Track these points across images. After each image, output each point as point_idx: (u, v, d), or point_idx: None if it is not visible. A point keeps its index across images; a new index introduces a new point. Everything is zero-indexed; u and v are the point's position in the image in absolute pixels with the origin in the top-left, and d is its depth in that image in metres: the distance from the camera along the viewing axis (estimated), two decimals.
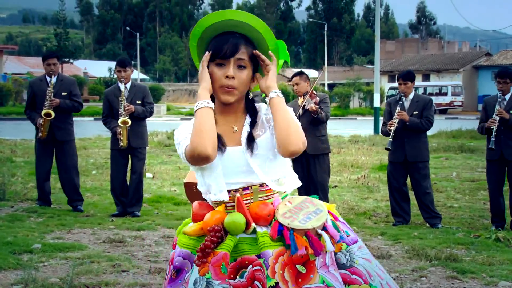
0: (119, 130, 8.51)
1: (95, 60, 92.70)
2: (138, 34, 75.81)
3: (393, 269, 6.18)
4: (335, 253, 2.66)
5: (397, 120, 8.21)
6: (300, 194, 6.10)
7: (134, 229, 7.78)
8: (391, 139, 8.22)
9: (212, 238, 2.59)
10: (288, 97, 48.57)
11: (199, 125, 2.60)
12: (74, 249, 6.73)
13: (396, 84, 43.13)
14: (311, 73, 60.96)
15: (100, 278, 5.67)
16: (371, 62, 64.66)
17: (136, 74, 69.85)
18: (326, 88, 57.66)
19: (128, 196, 8.76)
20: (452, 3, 64.98)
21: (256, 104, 2.84)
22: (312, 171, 8.45)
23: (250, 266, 2.57)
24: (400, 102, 8.41)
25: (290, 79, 8.93)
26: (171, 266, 2.75)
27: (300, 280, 2.53)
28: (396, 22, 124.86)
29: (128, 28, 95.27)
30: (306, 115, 8.38)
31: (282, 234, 2.57)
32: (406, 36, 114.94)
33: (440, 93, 50.50)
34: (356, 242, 2.75)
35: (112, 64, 53.40)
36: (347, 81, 56.47)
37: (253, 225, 2.62)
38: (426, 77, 58.50)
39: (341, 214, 8.72)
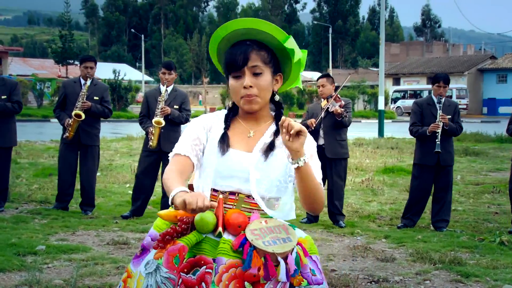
0: (151, 129, 8.51)
1: (100, 62, 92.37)
2: (143, 36, 76.07)
3: (397, 272, 6.18)
4: (293, 287, 2.60)
5: (442, 123, 8.17)
6: None
7: (138, 231, 7.79)
8: (439, 142, 8.11)
9: (178, 228, 2.61)
10: (292, 100, 48.65)
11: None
12: (78, 251, 6.73)
13: (401, 87, 43.19)
14: (316, 75, 60.89)
15: (104, 280, 5.68)
16: (376, 65, 64.64)
17: (141, 76, 70.01)
18: None
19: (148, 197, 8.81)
20: (457, 6, 64.90)
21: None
22: (328, 175, 8.45)
23: (204, 267, 2.56)
24: (439, 104, 8.30)
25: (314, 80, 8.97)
26: (140, 244, 2.80)
27: None
28: (401, 25, 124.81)
29: (133, 30, 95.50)
30: (328, 118, 8.40)
31: (243, 247, 2.55)
32: (411, 39, 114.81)
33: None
34: (319, 284, 2.66)
35: (117, 66, 53.46)
36: (352, 83, 56.41)
37: (220, 229, 2.61)
38: (431, 80, 58.44)
39: (346, 217, 8.78)
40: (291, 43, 2.71)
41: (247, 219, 2.63)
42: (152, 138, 8.50)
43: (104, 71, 63.07)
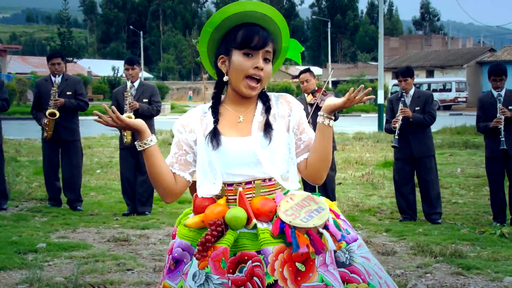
0: None
1: (99, 59, 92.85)
2: (141, 32, 75.99)
3: (398, 266, 6.17)
4: (335, 252, 2.63)
5: (401, 117, 8.20)
6: (306, 190, 6.09)
7: (139, 228, 7.79)
8: (397, 137, 8.20)
9: (213, 232, 2.57)
10: (292, 94, 48.60)
11: (150, 174, 2.70)
12: (79, 248, 6.74)
13: None
14: (315, 70, 60.92)
15: (105, 277, 5.68)
16: (375, 59, 64.58)
17: (140, 73, 69.98)
18: (330, 85, 57.62)
19: (135, 195, 8.77)
20: (455, 0, 64.80)
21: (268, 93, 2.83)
22: None
23: (250, 261, 2.54)
24: (402, 99, 8.39)
25: (295, 77, 8.93)
26: (170, 256, 2.74)
27: (299, 278, 2.50)
28: (400, 18, 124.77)
29: (131, 27, 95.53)
30: (316, 113, 8.37)
31: (284, 231, 2.54)
32: (410, 33, 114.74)
33: (444, 89, 50.39)
34: (355, 240, 2.71)
35: (116, 63, 53.54)
36: (351, 78, 56.41)
37: (254, 220, 2.60)
38: (430, 74, 58.41)
39: (346, 211, 8.79)
40: (286, 48, 2.82)
41: (274, 202, 2.64)
42: (126, 134, 8.52)
43: (103, 68, 63.16)
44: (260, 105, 2.77)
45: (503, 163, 8.11)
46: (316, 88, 8.51)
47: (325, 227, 2.59)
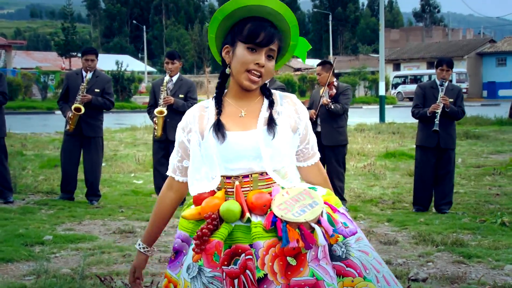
0: (154, 119, 8.53)
1: (103, 53, 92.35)
2: (144, 27, 75.82)
3: (400, 255, 6.19)
4: (331, 245, 2.61)
5: (442, 105, 8.16)
6: None
7: (144, 220, 7.80)
8: (438, 122, 8.13)
9: (209, 225, 2.57)
10: (294, 87, 48.55)
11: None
12: (85, 240, 6.76)
13: (401, 72, 43.04)
14: (316, 63, 60.84)
15: (111, 268, 5.70)
16: (376, 51, 64.47)
17: (143, 67, 69.93)
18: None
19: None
20: None
21: (272, 91, 2.82)
22: (327, 162, 8.39)
23: (243, 254, 2.54)
24: (441, 87, 8.29)
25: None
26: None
27: (289, 272, 2.49)
28: (400, 10, 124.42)
29: (134, 22, 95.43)
30: (324, 106, 8.38)
31: (276, 225, 2.53)
32: (411, 25, 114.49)
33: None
34: (354, 234, 2.68)
35: (119, 57, 53.46)
36: (352, 70, 56.29)
37: (247, 214, 2.59)
38: (431, 65, 58.27)
39: (348, 201, 8.80)
40: (295, 46, 2.80)
41: (270, 196, 2.63)
42: (156, 128, 8.52)
43: (107, 62, 63.02)
44: (266, 101, 2.76)
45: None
46: (328, 83, 8.50)
47: (318, 221, 2.55)
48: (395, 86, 55.05)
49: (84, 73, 8.83)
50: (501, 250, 6.29)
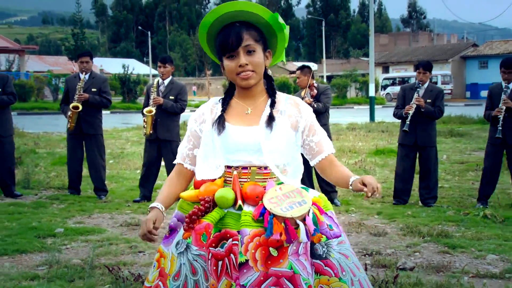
0: (143, 118, 8.54)
1: (110, 57, 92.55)
2: (149, 32, 75.77)
3: (389, 246, 6.19)
4: (313, 244, 2.63)
5: (415, 105, 8.15)
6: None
7: None
8: (408, 122, 8.14)
9: (201, 207, 2.62)
10: (289, 89, 48.52)
11: None
12: (94, 232, 6.75)
13: (389, 75, 43.09)
14: (311, 65, 60.80)
15: (119, 258, 5.70)
16: (366, 55, 64.40)
17: (148, 70, 69.83)
18: (325, 80, 57.53)
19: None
20: None
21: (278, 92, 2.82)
22: None
23: (230, 239, 2.58)
24: (418, 89, 8.31)
25: (292, 72, 8.90)
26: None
27: (269, 262, 2.52)
28: (389, 17, 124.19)
29: (140, 28, 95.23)
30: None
31: (264, 216, 2.56)
32: (399, 30, 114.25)
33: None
34: (337, 237, 2.70)
35: (126, 61, 53.38)
36: (344, 72, 56.25)
37: (239, 202, 2.62)
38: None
39: (340, 196, 8.79)
40: (279, 19, 2.72)
41: (263, 189, 2.65)
42: (145, 126, 8.52)
43: (114, 66, 62.96)
44: (269, 100, 2.77)
45: (501, 151, 8.09)
46: (309, 85, 8.49)
47: (304, 219, 2.58)
48: (384, 87, 55.06)
49: (80, 75, 8.89)
50: (483, 241, 6.30)
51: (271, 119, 2.69)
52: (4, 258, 5.72)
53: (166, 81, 8.68)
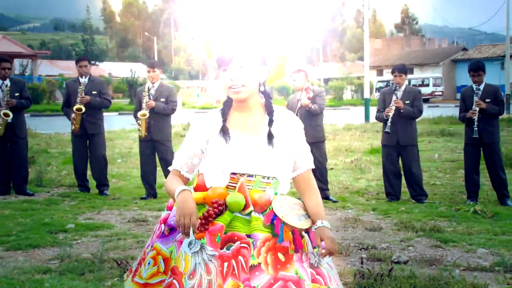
0: (138, 121, 8.57)
1: (118, 62, 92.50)
2: (155, 38, 75.71)
3: (383, 240, 6.17)
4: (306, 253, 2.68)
5: (394, 108, 8.15)
6: None
7: (155, 210, 7.79)
8: (390, 124, 8.15)
9: (215, 209, 2.61)
10: (288, 91, 48.52)
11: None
12: (103, 228, 6.75)
13: (384, 77, 43.13)
14: (308, 68, 60.79)
15: (127, 253, 5.69)
16: (361, 59, 64.35)
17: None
18: (322, 83, 57.49)
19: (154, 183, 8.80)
20: (432, 5, 64.65)
21: (274, 106, 2.78)
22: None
23: (238, 242, 2.56)
24: (396, 92, 8.32)
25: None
26: (163, 225, 2.76)
27: (278, 266, 2.54)
28: (383, 22, 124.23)
29: (146, 33, 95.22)
30: (302, 108, 8.35)
31: (274, 223, 2.58)
32: (392, 35, 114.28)
33: (423, 85, 50.26)
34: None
35: (133, 65, 53.38)
36: (340, 75, 56.26)
37: (251, 207, 2.63)
38: (410, 71, 58.20)
39: (337, 193, 8.79)
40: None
41: (269, 197, 2.67)
42: (140, 128, 8.55)
43: (122, 70, 62.98)
44: (266, 117, 2.74)
45: (479, 149, 8.10)
46: (305, 87, 8.45)
47: (306, 232, 2.67)
48: (379, 89, 55.00)
49: (80, 79, 8.89)
50: (474, 236, 6.29)
51: (270, 136, 2.69)
52: (18, 252, 5.72)
53: (156, 85, 8.70)
